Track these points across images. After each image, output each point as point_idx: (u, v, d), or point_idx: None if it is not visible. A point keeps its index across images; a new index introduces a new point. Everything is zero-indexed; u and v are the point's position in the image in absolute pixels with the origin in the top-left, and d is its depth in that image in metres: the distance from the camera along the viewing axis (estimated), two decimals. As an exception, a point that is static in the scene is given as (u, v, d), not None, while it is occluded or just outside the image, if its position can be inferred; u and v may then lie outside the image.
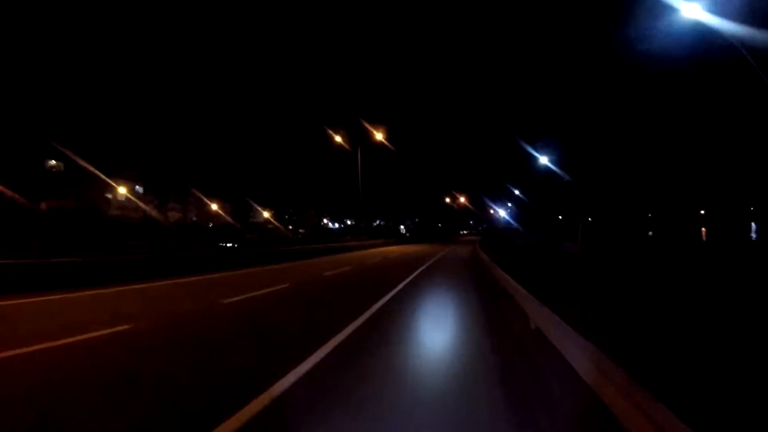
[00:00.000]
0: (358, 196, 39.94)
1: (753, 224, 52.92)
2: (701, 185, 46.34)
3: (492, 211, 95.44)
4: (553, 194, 37.82)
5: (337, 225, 77.80)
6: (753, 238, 46.47)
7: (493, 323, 7.43)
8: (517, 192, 51.33)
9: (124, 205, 61.89)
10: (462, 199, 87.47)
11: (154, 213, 59.06)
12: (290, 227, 65.31)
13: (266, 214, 72.03)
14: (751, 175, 44.84)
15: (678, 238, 46.02)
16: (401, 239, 51.76)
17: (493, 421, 3.27)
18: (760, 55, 11.91)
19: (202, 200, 72.52)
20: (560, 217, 52.29)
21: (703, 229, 57.14)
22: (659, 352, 4.79)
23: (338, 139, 39.06)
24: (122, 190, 58.03)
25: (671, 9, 11.02)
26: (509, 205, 66.21)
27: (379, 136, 38.19)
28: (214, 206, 74.60)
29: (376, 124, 38.87)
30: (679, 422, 1.95)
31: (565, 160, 31.18)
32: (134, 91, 68.68)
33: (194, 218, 71.78)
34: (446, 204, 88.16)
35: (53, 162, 53.19)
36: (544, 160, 30.00)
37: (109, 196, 59.90)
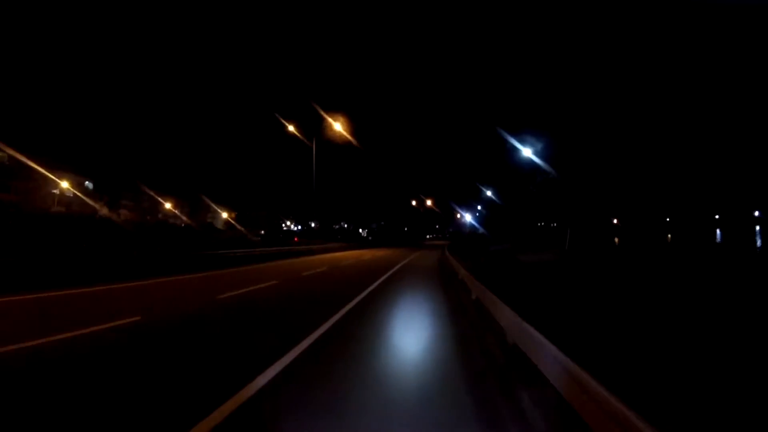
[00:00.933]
0: (312, 195, 35.43)
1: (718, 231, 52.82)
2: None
3: (458, 216, 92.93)
4: (536, 194, 34.41)
5: (299, 227, 72.67)
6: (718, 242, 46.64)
7: None
8: (489, 193, 48.14)
9: (70, 201, 56.96)
10: (429, 202, 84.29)
11: (103, 211, 53.72)
12: (243, 229, 59.94)
13: (225, 215, 66.56)
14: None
15: (649, 243, 44.50)
16: (362, 243, 47.48)
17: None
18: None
19: (156, 199, 66.61)
20: (539, 222, 48.11)
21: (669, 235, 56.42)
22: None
23: (292, 128, 34.61)
24: (65, 185, 53.76)
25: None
26: (479, 208, 63.27)
27: (337, 126, 33.93)
28: (168, 205, 68.63)
29: (335, 113, 34.61)
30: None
31: (552, 154, 28.07)
32: (87, 85, 61.50)
33: (148, 217, 66.89)
34: (412, 207, 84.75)
35: (-4, 153, 48.74)
36: (527, 152, 26.59)
37: (56, 191, 55.35)
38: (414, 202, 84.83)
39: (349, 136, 39.00)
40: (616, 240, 51.97)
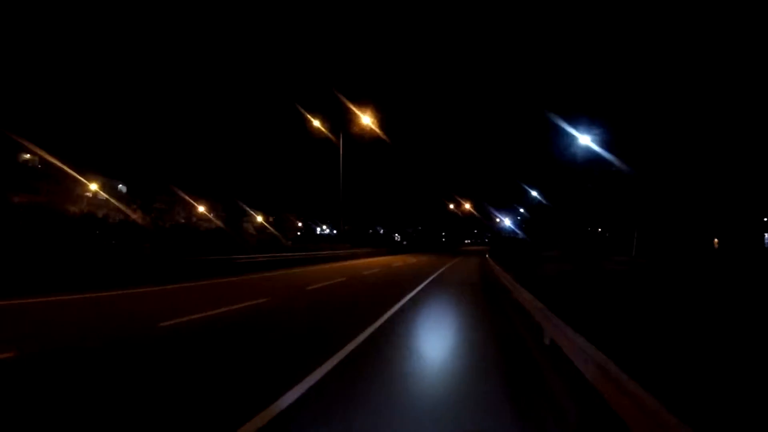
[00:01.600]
0: (339, 196, 32.37)
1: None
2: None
3: (498, 220, 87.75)
4: (593, 191, 28.96)
5: (333, 231, 69.88)
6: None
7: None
8: (534, 193, 43.02)
9: (103, 204, 57.32)
10: (467, 206, 79.89)
11: (136, 215, 53.41)
12: (276, 232, 57.90)
13: (259, 218, 65.00)
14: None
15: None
16: (395, 249, 43.78)
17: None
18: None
19: (189, 202, 66.00)
20: (590, 227, 41.08)
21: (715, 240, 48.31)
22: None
23: (317, 123, 31.81)
24: (93, 187, 53.65)
25: None
26: (521, 210, 58.16)
27: (366, 119, 30.76)
28: (202, 208, 67.90)
29: (364, 106, 31.47)
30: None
31: (618, 142, 23.20)
32: (118, 90, 62.01)
33: (182, 221, 66.27)
34: (449, 211, 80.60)
35: (27, 156, 49.02)
36: (584, 140, 21.77)
37: (89, 194, 55.85)
38: (451, 206, 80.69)
39: (379, 131, 35.70)
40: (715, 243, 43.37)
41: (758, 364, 4.93)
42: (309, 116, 32.08)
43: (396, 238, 68.65)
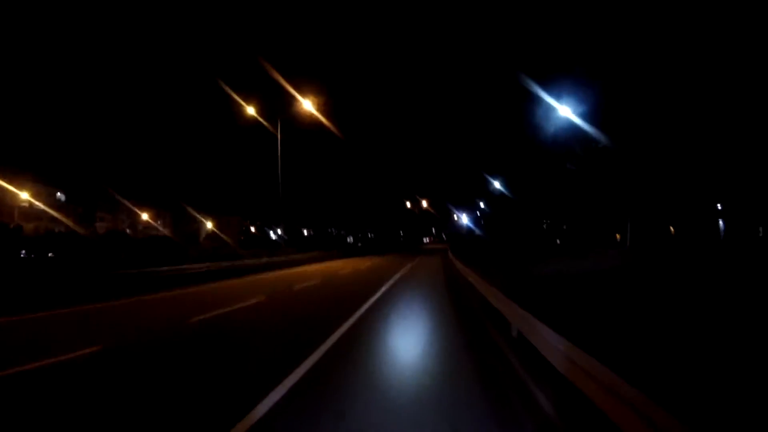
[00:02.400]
0: (279, 194, 28.20)
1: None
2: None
3: (456, 217, 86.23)
4: (577, 172, 25.19)
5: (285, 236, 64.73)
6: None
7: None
8: (496, 184, 40.26)
9: (39, 215, 50.65)
10: (424, 204, 77.35)
11: (78, 226, 47.06)
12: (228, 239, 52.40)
13: (209, 224, 59.27)
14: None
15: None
16: (346, 251, 39.74)
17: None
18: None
19: (133, 210, 59.84)
20: (574, 218, 35.35)
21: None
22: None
23: (252, 111, 27.65)
24: (25, 196, 47.38)
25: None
26: (482, 206, 55.99)
27: (307, 104, 26.90)
28: (145, 216, 61.70)
29: (307, 92, 27.52)
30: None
31: (606, 112, 19.80)
32: (55, 96, 53.54)
33: (127, 230, 59.88)
34: (407, 209, 77.79)
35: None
36: (565, 111, 18.45)
37: (25, 204, 49.35)
38: (409, 204, 77.74)
39: (328, 123, 31.94)
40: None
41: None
42: (243, 102, 27.82)
43: (349, 240, 64.35)
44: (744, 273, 11.92)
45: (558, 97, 18.32)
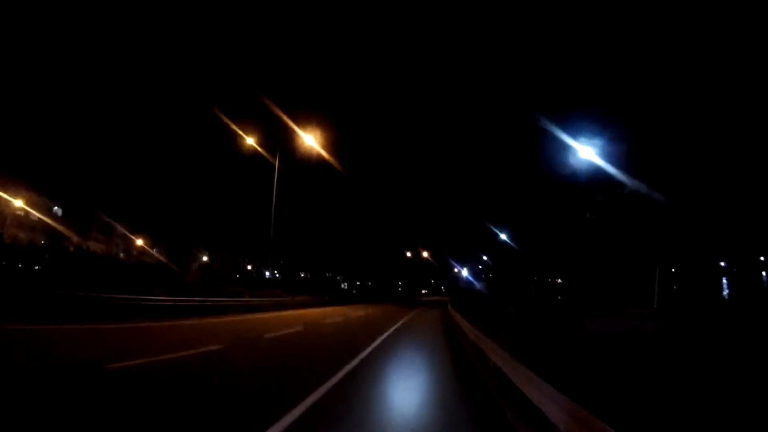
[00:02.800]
0: (270, 231, 26.45)
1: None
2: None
3: (456, 270, 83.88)
4: (598, 220, 22.31)
5: (276, 274, 61.47)
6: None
7: None
8: (503, 237, 38.32)
9: (33, 226, 48.88)
10: (425, 254, 75.41)
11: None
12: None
13: (205, 258, 57.08)
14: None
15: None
16: (339, 298, 37.15)
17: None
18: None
19: (128, 236, 57.97)
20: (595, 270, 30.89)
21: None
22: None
23: (251, 142, 26.54)
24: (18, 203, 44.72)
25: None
26: (484, 258, 53.88)
27: (308, 139, 25.81)
28: (140, 242, 59.77)
29: (307, 125, 26.53)
30: None
31: (635, 153, 17.59)
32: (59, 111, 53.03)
33: (121, 254, 58.39)
34: (407, 258, 75.69)
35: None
36: (586, 153, 16.23)
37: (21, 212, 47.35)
38: (408, 254, 75.76)
39: (332, 160, 30.85)
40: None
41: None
42: (243, 133, 26.79)
43: (343, 286, 61.18)
44: None
45: (577, 136, 16.63)
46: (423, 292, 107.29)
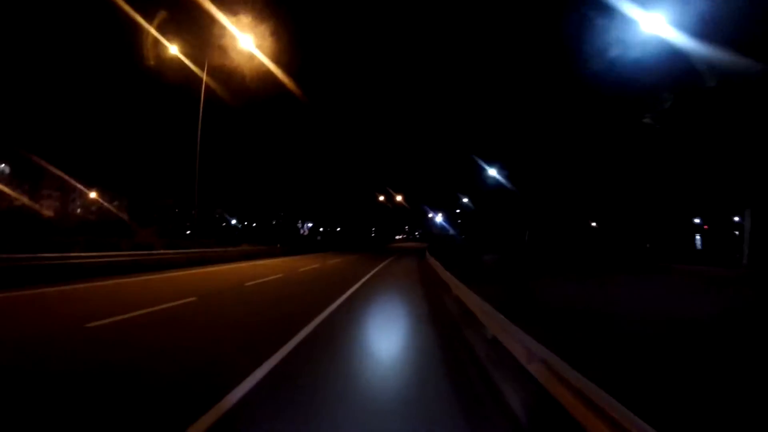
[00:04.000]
0: (196, 165, 20.33)
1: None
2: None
3: (430, 215, 79.84)
4: (662, 125, 16.08)
5: (246, 223, 55.04)
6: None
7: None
8: (493, 173, 32.70)
9: None
10: (399, 198, 70.13)
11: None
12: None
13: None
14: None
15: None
16: (296, 247, 31.06)
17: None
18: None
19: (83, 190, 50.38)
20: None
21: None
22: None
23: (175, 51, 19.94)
24: None
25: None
26: (465, 200, 49.19)
27: (246, 41, 19.39)
28: (93, 194, 52.42)
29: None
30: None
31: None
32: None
33: (78, 210, 53.48)
34: (379, 202, 70.29)
35: None
36: (652, 22, 9.78)
37: None
38: (381, 198, 70.25)
39: (280, 73, 24.76)
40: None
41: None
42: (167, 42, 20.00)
43: (303, 232, 55.06)
44: None
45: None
46: (397, 238, 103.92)
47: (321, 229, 62.09)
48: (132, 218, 43.62)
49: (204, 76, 20.42)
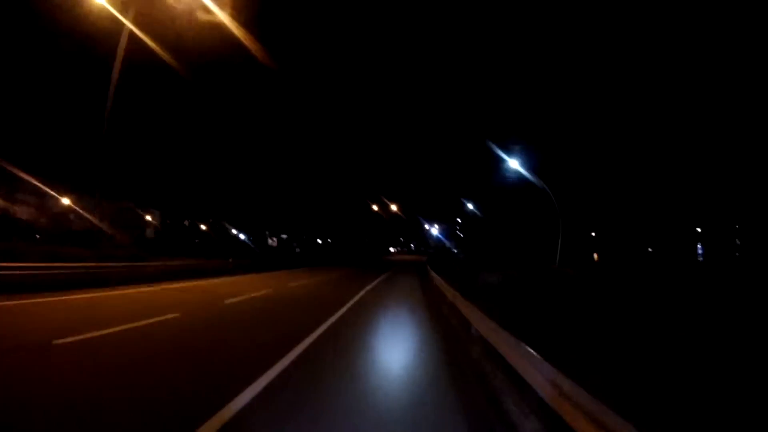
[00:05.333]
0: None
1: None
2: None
3: (426, 227, 75.03)
4: None
5: (247, 236, 49.29)
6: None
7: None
8: (512, 161, 27.89)
9: None
10: (393, 208, 64.34)
11: None
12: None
13: (150, 218, 44.54)
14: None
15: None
16: (259, 262, 24.26)
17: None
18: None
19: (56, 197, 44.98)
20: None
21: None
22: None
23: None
24: None
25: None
26: (469, 207, 43.88)
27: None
28: (66, 200, 46.66)
29: None
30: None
31: None
32: None
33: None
34: (373, 212, 64.50)
35: None
36: None
37: None
38: (375, 207, 64.52)
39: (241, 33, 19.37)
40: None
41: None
42: None
43: (271, 242, 48.36)
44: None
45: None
46: (391, 250, 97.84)
47: (296, 240, 55.09)
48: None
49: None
